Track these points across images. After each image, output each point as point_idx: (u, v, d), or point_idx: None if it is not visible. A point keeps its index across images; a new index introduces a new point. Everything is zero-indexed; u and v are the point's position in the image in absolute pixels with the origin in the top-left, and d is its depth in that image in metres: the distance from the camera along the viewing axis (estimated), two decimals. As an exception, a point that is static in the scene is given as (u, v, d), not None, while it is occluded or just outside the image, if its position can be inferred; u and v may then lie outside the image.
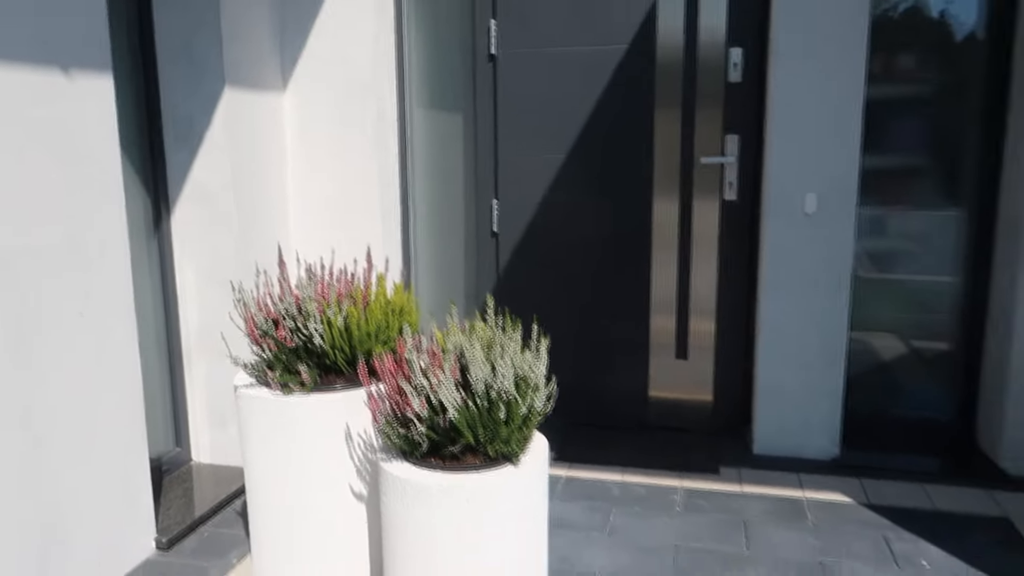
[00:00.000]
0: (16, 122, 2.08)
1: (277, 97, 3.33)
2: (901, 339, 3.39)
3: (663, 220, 3.46)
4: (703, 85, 3.30)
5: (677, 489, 3.02)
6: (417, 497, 1.90)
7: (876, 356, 3.40)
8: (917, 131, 3.19)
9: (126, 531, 2.53)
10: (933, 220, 3.25)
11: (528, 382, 1.95)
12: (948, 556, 2.50)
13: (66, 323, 2.26)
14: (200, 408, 3.27)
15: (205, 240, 3.12)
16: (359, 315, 2.22)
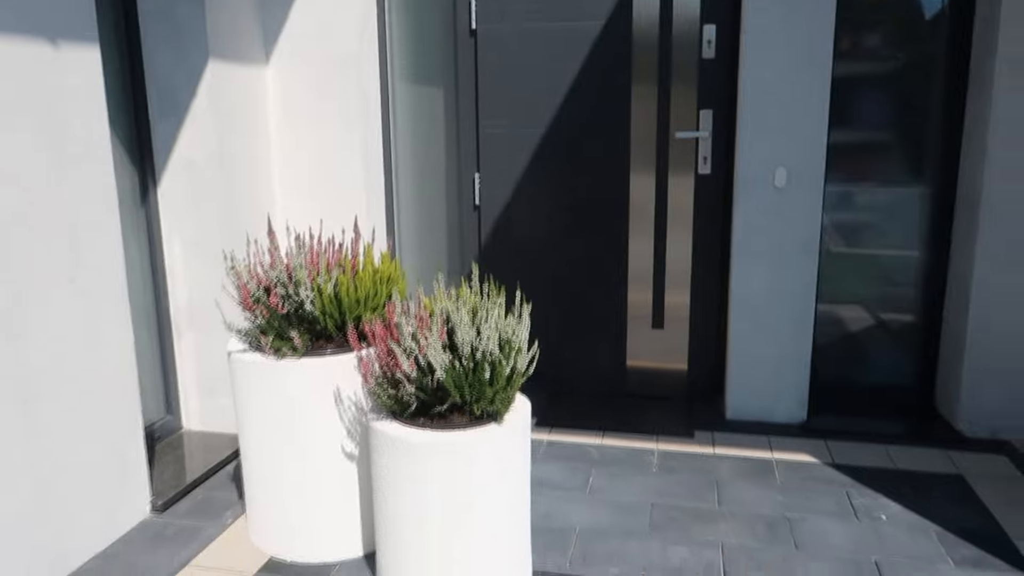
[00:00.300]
0: (5, 93, 2.13)
1: (260, 70, 3.37)
2: (866, 310, 3.53)
3: (639, 193, 3.56)
4: (678, 61, 3.39)
5: (653, 451, 3.15)
6: (407, 454, 2.01)
7: (842, 326, 3.55)
8: (882, 108, 3.31)
9: (122, 494, 2.61)
10: (896, 195, 3.39)
11: (511, 345, 2.05)
12: (905, 510, 2.66)
13: (58, 292, 2.32)
14: (190, 377, 3.35)
15: (192, 212, 3.17)
16: (348, 283, 2.31)
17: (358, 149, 3.40)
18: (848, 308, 3.55)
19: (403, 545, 2.10)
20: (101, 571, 2.39)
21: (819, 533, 2.52)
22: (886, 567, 2.33)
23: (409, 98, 3.74)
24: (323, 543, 2.40)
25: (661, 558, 2.39)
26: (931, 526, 2.56)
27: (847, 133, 3.35)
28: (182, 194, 3.16)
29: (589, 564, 2.37)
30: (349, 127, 3.39)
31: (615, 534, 2.53)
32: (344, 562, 2.41)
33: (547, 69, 3.51)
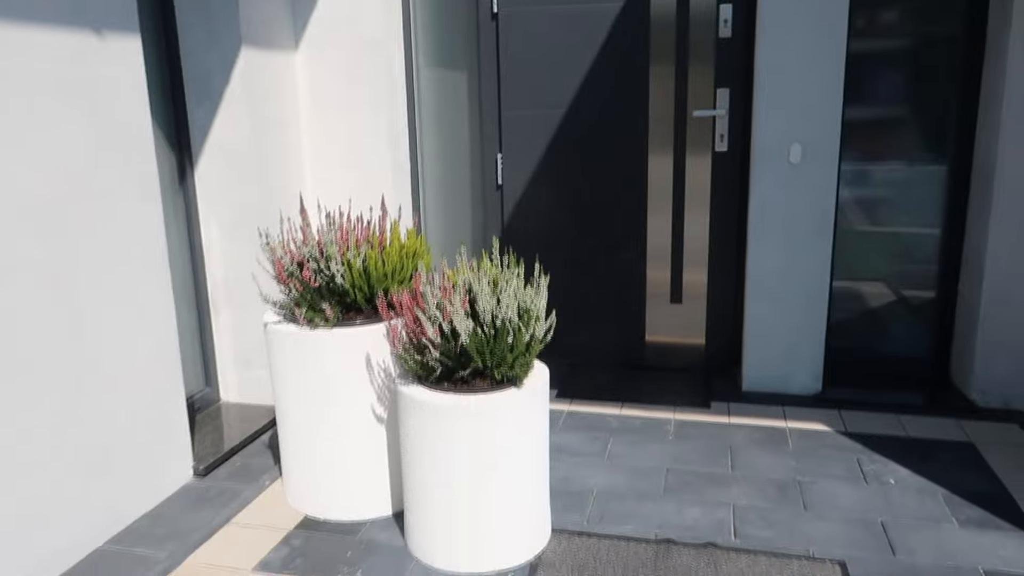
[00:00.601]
0: (57, 82, 2.28)
1: (290, 56, 3.50)
2: (882, 284, 3.60)
3: (658, 171, 3.65)
4: (695, 41, 3.46)
5: (670, 421, 3.26)
6: (433, 416, 2.15)
7: (858, 300, 3.62)
8: (898, 85, 3.36)
9: (166, 459, 2.78)
10: (913, 172, 3.44)
11: (530, 313, 2.17)
12: (913, 474, 2.75)
13: (107, 268, 2.48)
14: (227, 351, 3.52)
15: (227, 194, 3.32)
16: (376, 257, 2.44)
17: (385, 131, 3.53)
18: (864, 283, 3.61)
19: (430, 503, 2.24)
20: (150, 528, 2.57)
21: (828, 495, 2.62)
22: (891, 527, 2.42)
23: (433, 81, 3.86)
24: (354, 503, 2.55)
25: (675, 517, 2.51)
26: (939, 489, 2.64)
27: (863, 109, 3.40)
28: (217, 177, 3.31)
29: (606, 523, 2.49)
30: (376, 110, 3.52)
31: (631, 496, 2.65)
32: (374, 520, 2.56)
33: (567, 51, 3.61)
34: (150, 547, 2.46)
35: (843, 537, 2.37)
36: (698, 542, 2.36)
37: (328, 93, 3.54)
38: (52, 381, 2.28)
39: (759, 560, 2.25)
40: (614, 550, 2.32)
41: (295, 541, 2.44)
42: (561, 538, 2.40)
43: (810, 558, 2.26)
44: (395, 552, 2.37)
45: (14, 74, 2.13)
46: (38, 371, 2.24)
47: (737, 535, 2.40)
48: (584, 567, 2.24)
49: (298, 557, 2.35)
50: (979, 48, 3.24)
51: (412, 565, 2.30)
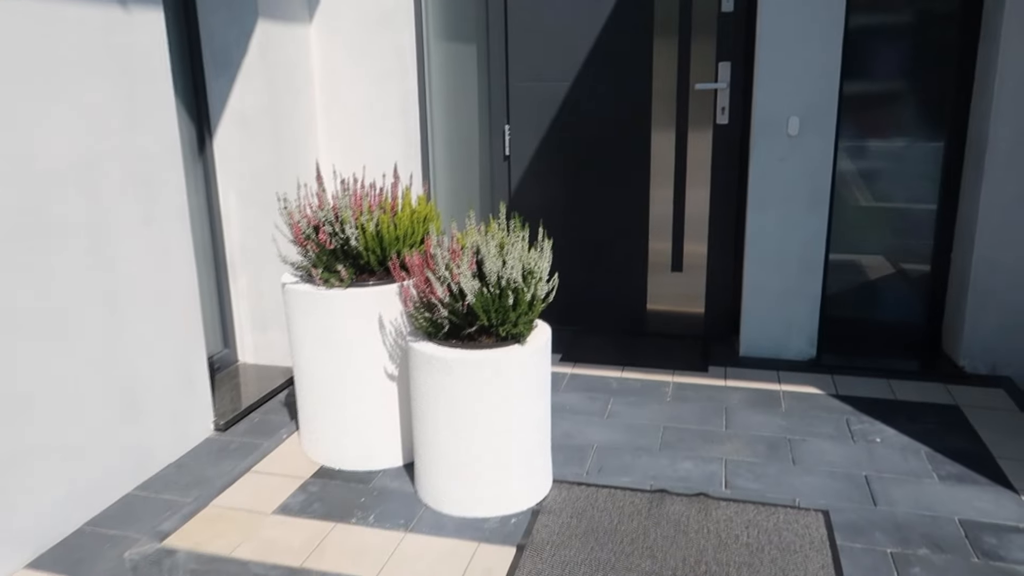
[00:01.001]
0: (86, 52, 2.40)
1: (304, 28, 3.61)
2: (879, 256, 3.71)
3: (660, 143, 3.76)
4: (698, 14, 3.55)
5: (669, 383, 3.40)
6: (441, 370, 2.29)
7: (855, 270, 3.73)
8: (895, 60, 3.44)
9: (189, 414, 2.95)
10: (909, 146, 3.53)
11: (533, 275, 2.30)
12: (899, 434, 2.88)
13: (136, 228, 2.62)
14: (244, 315, 3.67)
15: (244, 162, 3.45)
16: (388, 222, 2.57)
17: (396, 102, 3.64)
18: (861, 255, 3.72)
19: (438, 452, 2.39)
20: (176, 476, 2.74)
21: (816, 452, 2.76)
22: (875, 480, 2.56)
23: (443, 54, 3.96)
24: (367, 453, 2.71)
25: (669, 471, 2.66)
26: (922, 448, 2.78)
27: (861, 84, 3.49)
28: (236, 146, 3.44)
29: (604, 475, 2.64)
30: (387, 82, 3.63)
31: (628, 451, 2.80)
32: (386, 470, 2.71)
33: (573, 24, 3.70)
34: (176, 493, 2.63)
35: (828, 489, 2.51)
36: (690, 492, 2.51)
37: (341, 65, 3.65)
38: (89, 333, 2.44)
39: (747, 508, 2.39)
40: (611, 499, 2.47)
41: (312, 488, 2.60)
42: (562, 488, 2.55)
43: (795, 507, 2.40)
44: (406, 498, 2.52)
45: (49, 45, 2.26)
46: (76, 323, 2.39)
47: (727, 486, 2.55)
48: (583, 513, 2.39)
49: (315, 502, 2.51)
50: (975, 25, 3.31)
51: (422, 510, 2.45)
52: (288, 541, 2.30)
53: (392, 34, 3.58)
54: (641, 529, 2.30)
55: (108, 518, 2.50)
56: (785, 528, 2.29)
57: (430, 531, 2.34)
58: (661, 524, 2.33)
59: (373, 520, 2.40)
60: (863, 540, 2.25)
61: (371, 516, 2.42)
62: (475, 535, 2.31)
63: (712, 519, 2.35)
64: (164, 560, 2.20)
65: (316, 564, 2.19)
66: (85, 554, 2.32)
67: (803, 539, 2.24)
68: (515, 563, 2.17)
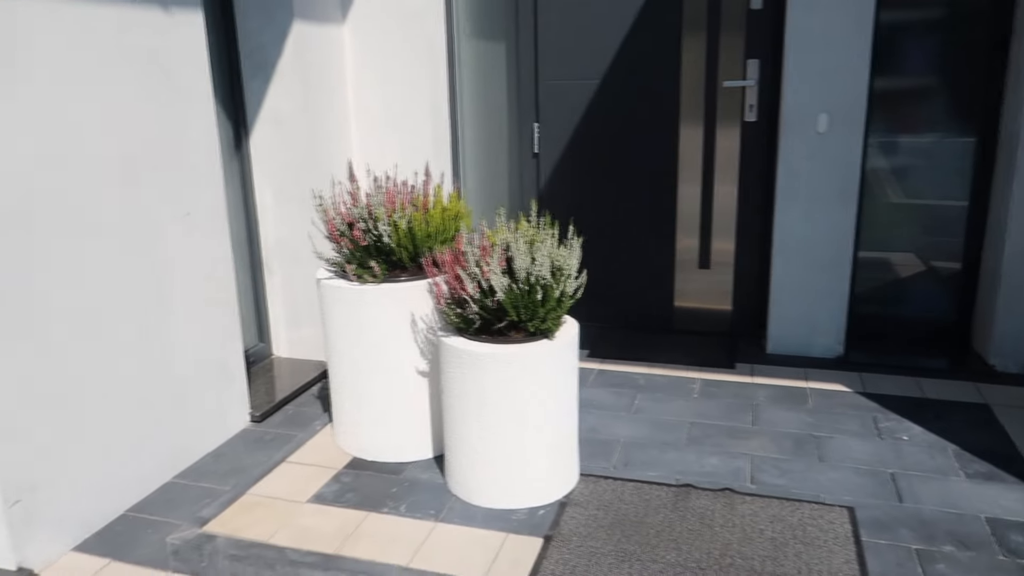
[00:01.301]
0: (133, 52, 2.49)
1: (338, 28, 3.68)
2: (908, 254, 3.69)
3: (688, 140, 3.77)
4: (727, 12, 3.56)
5: (696, 380, 3.43)
6: (471, 364, 2.34)
7: (884, 268, 3.72)
8: (926, 56, 3.43)
9: (227, 406, 3.04)
10: (940, 143, 3.51)
11: (562, 272, 2.35)
12: (926, 432, 2.89)
13: (178, 224, 2.71)
14: (279, 309, 3.76)
15: (279, 160, 3.53)
16: (420, 219, 2.63)
17: (427, 100, 3.70)
18: (890, 252, 3.71)
19: (468, 444, 2.45)
20: (214, 465, 2.83)
21: (842, 449, 2.77)
22: (901, 478, 2.57)
23: (473, 52, 4.01)
24: (399, 445, 2.77)
25: (696, 465, 2.69)
26: (949, 446, 2.78)
27: (891, 80, 3.48)
28: (271, 145, 3.52)
29: (631, 469, 2.68)
30: (418, 80, 3.69)
31: (655, 446, 2.84)
32: (416, 462, 2.78)
33: (602, 23, 3.73)
34: (214, 481, 2.72)
35: (853, 486, 2.53)
36: (715, 487, 2.54)
37: (373, 64, 3.72)
38: (132, 326, 2.53)
39: (771, 504, 2.42)
40: (637, 492, 2.51)
41: (345, 478, 2.68)
42: (588, 481, 2.59)
43: (820, 503, 2.42)
44: (436, 489, 2.59)
45: (93, 47, 2.35)
46: (120, 316, 2.48)
47: (753, 482, 2.57)
48: (609, 506, 2.44)
49: (348, 492, 2.58)
50: (1007, 20, 3.28)
51: (452, 501, 2.52)
52: (322, 529, 2.37)
53: (423, 33, 3.63)
54: (667, 522, 2.34)
55: (150, 504, 2.60)
56: (810, 523, 2.32)
57: (460, 521, 2.40)
58: (687, 517, 2.36)
59: (404, 510, 2.47)
60: (888, 536, 2.26)
61: (402, 506, 2.49)
62: (503, 525, 2.37)
63: (737, 513, 2.38)
64: (204, 545, 2.28)
65: (350, 551, 2.26)
66: (128, 538, 2.41)
67: (827, 534, 2.26)
68: (543, 553, 2.22)
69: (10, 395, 2.15)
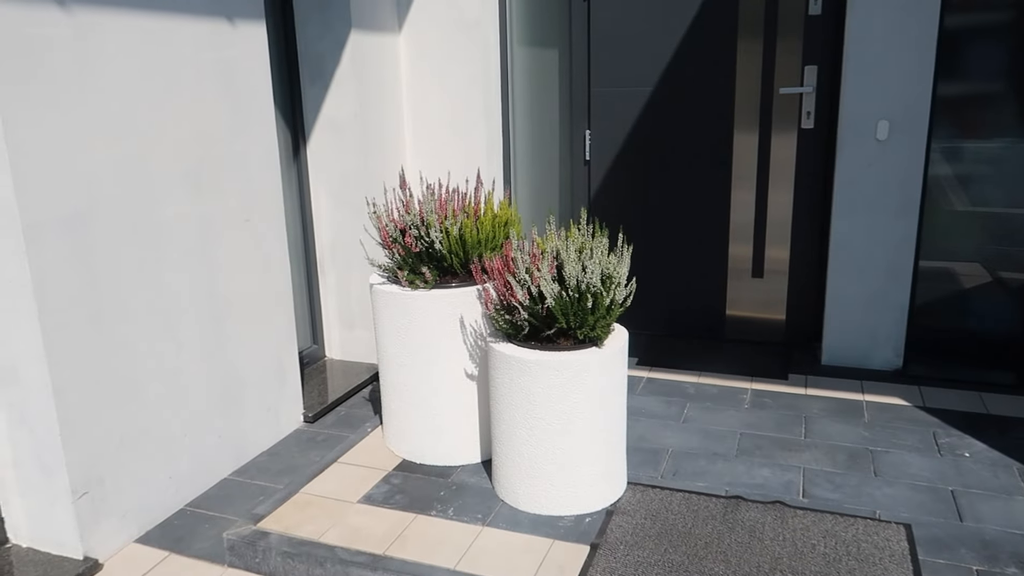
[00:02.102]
0: (199, 62, 2.58)
1: (393, 37, 3.75)
2: (973, 263, 3.57)
3: (743, 147, 3.73)
4: (784, 18, 3.51)
5: (747, 390, 3.38)
6: (521, 371, 2.36)
7: (946, 278, 3.61)
8: (992, 60, 3.32)
9: (281, 406, 3.11)
10: (1008, 149, 3.39)
11: (612, 280, 2.35)
12: (989, 449, 2.79)
13: (238, 228, 2.80)
14: (332, 312, 3.84)
15: (335, 165, 3.61)
16: (471, 226, 2.66)
17: (479, 108, 3.73)
18: (953, 262, 3.60)
19: (516, 450, 2.46)
20: (268, 463, 2.90)
21: (899, 464, 2.70)
22: (961, 495, 2.50)
23: (526, 60, 4.03)
24: (447, 449, 2.80)
25: (745, 477, 2.65)
26: (1014, 464, 2.68)
27: (956, 85, 3.38)
28: (327, 150, 3.60)
29: (679, 478, 2.66)
30: (471, 88, 3.73)
31: (704, 456, 2.81)
32: (464, 466, 2.80)
33: (656, 28, 3.71)
34: (268, 479, 2.79)
35: (910, 502, 2.46)
36: (766, 499, 2.50)
37: (428, 72, 3.77)
38: (194, 326, 2.62)
39: (824, 519, 2.37)
40: (685, 502, 2.49)
41: (394, 480, 2.72)
42: (636, 490, 2.58)
43: (875, 519, 2.36)
44: (483, 494, 2.61)
45: (164, 58, 2.44)
46: (184, 317, 2.57)
47: (805, 495, 2.53)
48: (656, 516, 2.42)
49: (397, 494, 2.62)
50: (1083, 22, 3.16)
51: (499, 506, 2.53)
52: (372, 529, 2.41)
53: (477, 41, 3.67)
54: (715, 534, 2.32)
55: (207, 500, 2.68)
56: (864, 540, 2.26)
57: (506, 526, 2.41)
58: (736, 530, 2.33)
59: (452, 513, 2.49)
60: (947, 555, 2.20)
61: (450, 509, 2.52)
62: (550, 532, 2.38)
63: (788, 527, 2.34)
64: (259, 541, 2.35)
65: (398, 552, 2.29)
66: (186, 532, 2.49)
67: (883, 552, 2.21)
68: (589, 561, 2.22)
69: (82, 391, 2.24)
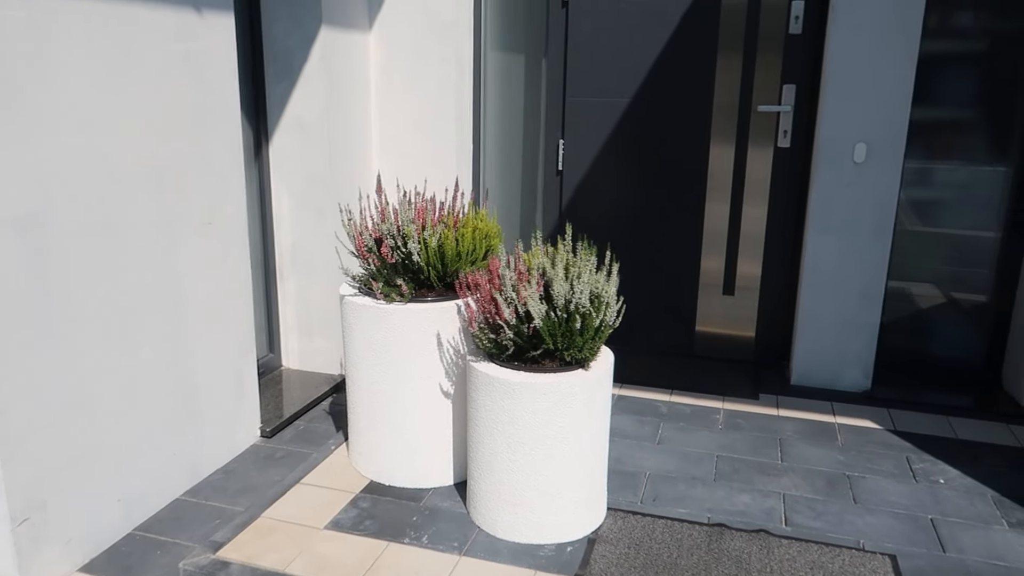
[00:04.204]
0: (164, 54, 2.40)
1: (364, 36, 3.59)
2: (937, 287, 3.61)
3: (718, 163, 3.69)
4: (764, 36, 3.49)
5: (719, 410, 3.33)
6: (504, 392, 2.24)
7: (910, 299, 3.64)
8: (967, 86, 3.35)
9: (238, 420, 2.93)
10: (976, 175, 3.44)
11: (601, 299, 2.26)
12: (963, 475, 2.80)
13: (200, 232, 2.61)
14: (290, 320, 3.66)
15: (298, 167, 3.44)
16: (451, 238, 2.53)
17: (451, 112, 3.61)
18: (918, 284, 3.63)
19: (495, 475, 2.35)
20: (225, 482, 2.72)
21: (877, 491, 2.68)
22: (941, 524, 2.48)
23: (500, 65, 3.93)
24: (418, 471, 2.67)
25: (726, 503, 2.59)
26: (988, 491, 2.69)
27: (928, 110, 3.40)
28: (291, 151, 3.43)
29: (659, 504, 2.58)
30: (443, 91, 3.60)
31: (683, 480, 2.74)
32: (436, 488, 2.68)
33: (635, 40, 3.65)
34: (224, 500, 2.61)
35: (893, 531, 2.44)
36: (750, 527, 2.44)
37: (399, 73, 3.63)
38: (151, 334, 2.43)
39: (810, 548, 2.32)
40: (668, 530, 2.41)
41: (363, 503, 2.57)
42: (617, 516, 2.49)
43: (861, 550, 2.33)
44: (458, 519, 2.48)
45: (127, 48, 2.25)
46: (140, 323, 2.38)
47: (788, 523, 2.48)
48: (640, 544, 2.34)
49: (367, 519, 2.48)
50: (1054, 54, 3.22)
51: (475, 533, 2.41)
52: (341, 558, 2.27)
53: (451, 43, 3.55)
54: (702, 565, 2.24)
55: (158, 523, 2.49)
56: (851, 571, 2.22)
57: (485, 555, 2.30)
58: (722, 560, 2.26)
59: (427, 541, 2.36)
60: (933, 589, 2.17)
61: (424, 536, 2.38)
62: (531, 562, 2.27)
63: (775, 558, 2.28)
64: (218, 573, 2.18)
65: (370, 584, 2.16)
66: (136, 560, 2.30)
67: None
68: (573, 594, 2.12)
69: (27, 409, 2.04)
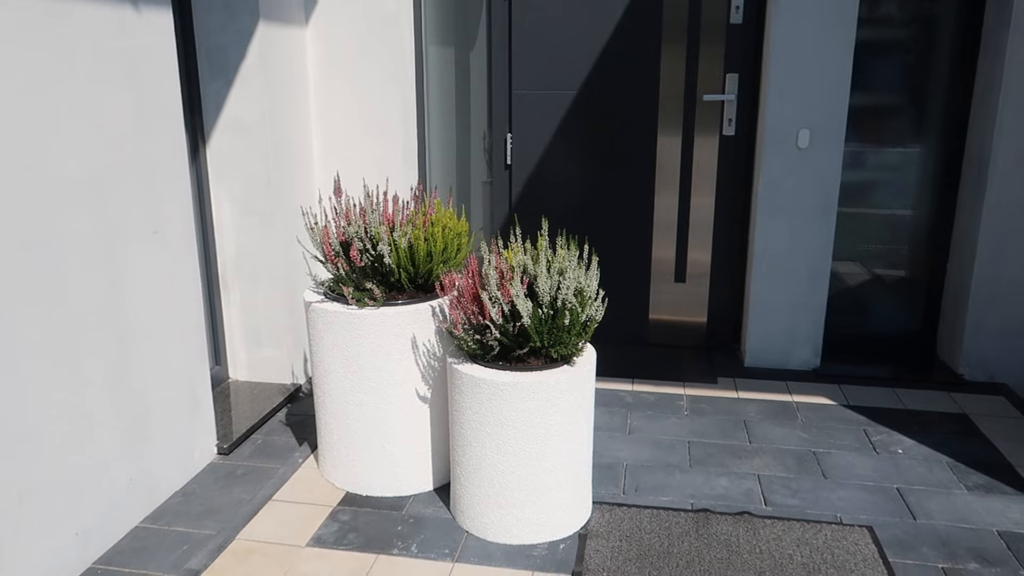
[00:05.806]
0: (98, 53, 2.23)
1: (301, 31, 3.45)
2: (872, 264, 3.77)
3: (666, 153, 3.74)
4: (707, 25, 3.54)
5: (682, 396, 3.38)
6: (492, 393, 2.20)
7: (852, 279, 3.79)
8: (894, 72, 3.51)
9: (193, 437, 2.77)
10: (905, 156, 3.60)
11: (584, 295, 2.24)
12: (918, 444, 2.93)
13: (144, 241, 2.45)
14: (236, 330, 3.49)
15: (239, 170, 3.27)
16: (421, 238, 2.46)
17: (397, 109, 3.51)
18: (856, 263, 3.78)
19: (483, 477, 2.30)
20: (185, 505, 2.56)
21: (844, 465, 2.77)
22: (907, 493, 2.59)
23: (443, 59, 3.85)
24: (397, 478, 2.59)
25: (706, 488, 2.63)
26: (943, 457, 2.83)
27: (863, 96, 3.54)
28: (230, 153, 3.26)
29: (642, 494, 2.60)
30: (388, 87, 3.50)
31: (660, 468, 2.77)
32: (417, 495, 2.61)
33: (579, 32, 3.64)
34: (189, 524, 2.46)
35: (865, 504, 2.53)
36: (733, 510, 2.48)
37: (337, 70, 3.51)
38: (97, 352, 2.26)
39: (793, 526, 2.38)
40: (656, 520, 2.42)
41: (343, 517, 2.47)
42: (603, 509, 2.49)
43: (840, 524, 2.40)
44: (445, 525, 2.42)
45: (62, 47, 2.08)
46: (85, 342, 2.21)
47: (767, 503, 2.53)
48: (631, 536, 2.34)
49: (350, 532, 2.39)
50: (973, 42, 3.40)
51: (464, 537, 2.36)
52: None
53: (391, 39, 3.45)
54: (694, 551, 2.26)
55: (119, 554, 2.32)
56: (835, 545, 2.29)
57: (479, 560, 2.25)
58: (712, 545, 2.29)
59: (416, 550, 2.29)
60: (913, 556, 2.26)
61: (413, 546, 2.32)
62: (527, 563, 2.24)
63: (761, 538, 2.33)
64: (200, 603, 2.05)
65: (365, 601, 2.08)
66: (103, 598, 2.15)
67: (855, 557, 2.24)
68: (574, 592, 2.10)
69: (-28, 445, 1.86)
